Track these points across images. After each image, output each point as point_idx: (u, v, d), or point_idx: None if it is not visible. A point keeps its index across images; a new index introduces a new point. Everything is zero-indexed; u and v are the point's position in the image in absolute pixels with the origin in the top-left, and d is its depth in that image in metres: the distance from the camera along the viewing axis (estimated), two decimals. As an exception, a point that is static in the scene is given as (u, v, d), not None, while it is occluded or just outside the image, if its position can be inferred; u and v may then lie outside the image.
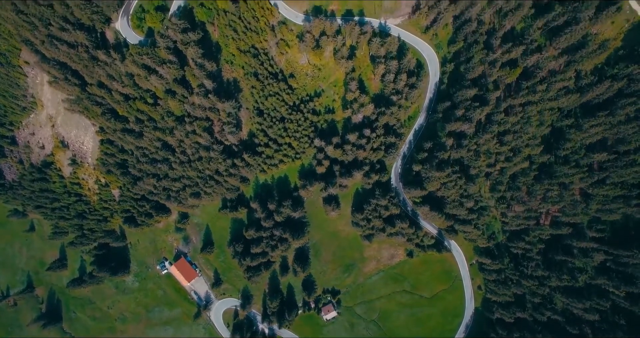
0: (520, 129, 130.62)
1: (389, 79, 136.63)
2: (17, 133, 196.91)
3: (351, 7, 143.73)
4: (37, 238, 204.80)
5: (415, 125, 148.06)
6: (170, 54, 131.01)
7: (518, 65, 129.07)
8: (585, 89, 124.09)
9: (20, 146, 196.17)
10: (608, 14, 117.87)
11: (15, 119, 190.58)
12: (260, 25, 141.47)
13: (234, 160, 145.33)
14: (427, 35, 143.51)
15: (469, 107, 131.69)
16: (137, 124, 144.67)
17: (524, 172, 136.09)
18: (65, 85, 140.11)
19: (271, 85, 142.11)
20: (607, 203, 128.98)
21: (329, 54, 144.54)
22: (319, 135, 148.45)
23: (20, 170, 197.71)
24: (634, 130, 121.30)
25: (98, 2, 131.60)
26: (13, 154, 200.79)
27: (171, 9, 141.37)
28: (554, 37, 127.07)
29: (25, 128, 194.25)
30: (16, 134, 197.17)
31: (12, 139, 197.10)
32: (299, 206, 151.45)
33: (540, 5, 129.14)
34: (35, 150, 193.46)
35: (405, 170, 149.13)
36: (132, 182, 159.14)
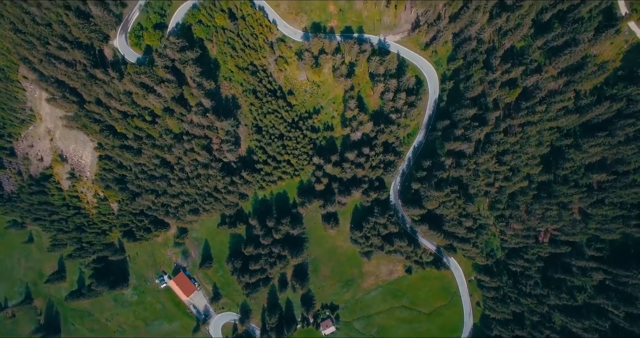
0: (520, 149, 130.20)
1: (388, 97, 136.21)
2: (15, 144, 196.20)
3: (350, 23, 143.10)
4: (36, 250, 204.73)
5: (414, 142, 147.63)
6: (168, 73, 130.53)
7: (518, 85, 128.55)
8: (585, 110, 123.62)
9: (19, 158, 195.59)
10: (607, 35, 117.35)
11: (13, 131, 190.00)
12: (258, 42, 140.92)
13: (233, 178, 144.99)
14: (426, 52, 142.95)
15: (468, 127, 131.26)
16: (136, 141, 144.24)
17: (523, 191, 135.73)
18: (63, 103, 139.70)
19: (270, 102, 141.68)
20: (606, 223, 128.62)
21: (327, 71, 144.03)
22: (318, 152, 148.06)
23: (19, 181, 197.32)
24: (633, 152, 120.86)
25: (96, 21, 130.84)
26: (12, 165, 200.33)
27: (169, 26, 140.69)
28: (553, 56, 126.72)
29: (24, 140, 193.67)
30: (15, 146, 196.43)
31: (10, 150, 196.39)
32: (297, 223, 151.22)
33: (540, 24, 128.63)
34: (34, 162, 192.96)
35: (404, 187, 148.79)
36: (131, 198, 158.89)
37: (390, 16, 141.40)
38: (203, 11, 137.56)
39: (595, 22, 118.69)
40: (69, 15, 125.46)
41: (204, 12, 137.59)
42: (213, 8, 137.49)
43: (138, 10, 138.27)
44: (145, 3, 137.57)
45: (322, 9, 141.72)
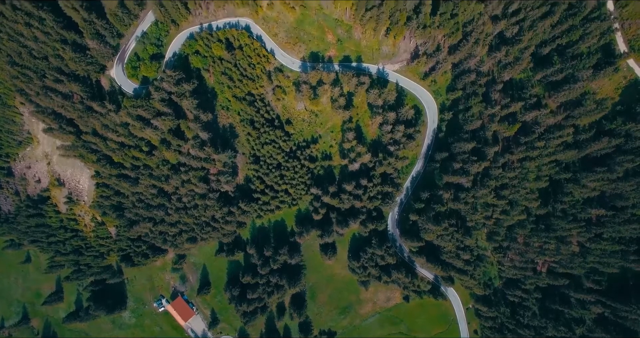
0: (518, 184, 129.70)
1: (386, 129, 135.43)
2: (13, 164, 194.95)
3: (349, 53, 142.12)
4: (33, 270, 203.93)
5: (412, 171, 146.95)
6: (164, 106, 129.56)
7: (517, 119, 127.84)
8: (584, 145, 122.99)
9: (16, 178, 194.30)
10: (606, 73, 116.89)
11: (10, 151, 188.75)
12: (256, 72, 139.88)
13: (230, 208, 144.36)
14: (425, 81, 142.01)
15: (466, 160, 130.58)
16: (133, 171, 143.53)
17: (521, 224, 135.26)
18: (60, 133, 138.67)
19: (267, 133, 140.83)
20: (605, 257, 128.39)
21: (326, 100, 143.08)
22: (316, 181, 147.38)
23: (16, 201, 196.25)
24: (632, 188, 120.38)
25: (92, 53, 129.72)
26: (9, 185, 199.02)
27: (166, 55, 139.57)
28: (552, 90, 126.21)
29: (21, 160, 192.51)
30: (12, 166, 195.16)
31: (8, 170, 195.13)
32: (295, 252, 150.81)
33: (540, 57, 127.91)
34: (31, 183, 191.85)
35: (403, 218, 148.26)
36: (128, 225, 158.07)
37: (389, 45, 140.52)
38: (200, 42, 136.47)
39: (593, 60, 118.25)
40: (66, 49, 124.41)
41: (200, 43, 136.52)
42: (210, 38, 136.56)
43: (134, 41, 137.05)
44: (141, 34, 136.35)
45: (321, 38, 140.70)
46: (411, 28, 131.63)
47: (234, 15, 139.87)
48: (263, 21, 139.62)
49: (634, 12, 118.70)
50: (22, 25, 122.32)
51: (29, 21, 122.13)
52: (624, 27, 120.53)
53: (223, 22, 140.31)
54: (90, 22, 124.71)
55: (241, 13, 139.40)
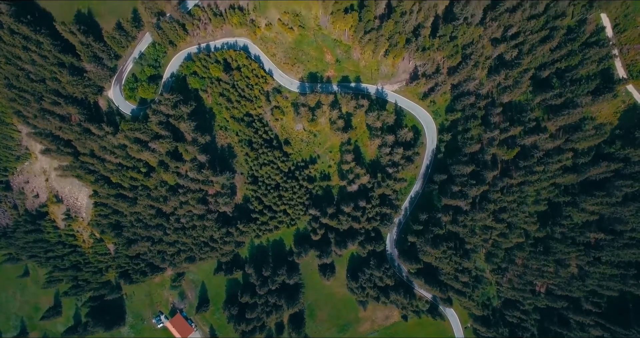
0: (517, 207, 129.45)
1: (385, 151, 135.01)
2: (11, 178, 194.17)
3: (347, 73, 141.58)
4: (32, 283, 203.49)
5: (411, 192, 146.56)
6: (162, 129, 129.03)
7: (516, 143, 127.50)
8: (583, 169, 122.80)
9: (15, 192, 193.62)
10: (605, 98, 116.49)
11: (9, 165, 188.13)
12: (254, 93, 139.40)
13: (229, 229, 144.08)
14: (424, 101, 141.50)
15: (465, 183, 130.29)
16: (131, 191, 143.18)
17: (519, 246, 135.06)
18: (57, 155, 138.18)
19: (265, 154, 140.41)
20: (604, 281, 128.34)
21: (324, 120, 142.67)
22: (314, 201, 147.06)
23: (14, 215, 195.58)
24: (631, 213, 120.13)
25: (90, 75, 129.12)
26: (7, 199, 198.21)
27: (164, 76, 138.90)
28: (552, 113, 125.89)
29: (19, 174, 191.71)
30: (10, 180, 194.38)
31: (6, 184, 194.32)
32: (294, 271, 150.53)
33: (539, 80, 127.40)
34: (30, 197, 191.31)
35: (401, 238, 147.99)
36: (127, 244, 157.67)
37: (388, 66, 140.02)
38: (198, 63, 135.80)
39: (592, 85, 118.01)
40: (63, 73, 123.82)
41: (198, 64, 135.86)
42: (208, 59, 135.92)
43: (132, 62, 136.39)
44: (139, 55, 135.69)
45: (319, 58, 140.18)
46: (410, 50, 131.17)
47: (232, 35, 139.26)
48: (261, 41, 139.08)
49: (632, 37, 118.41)
50: (20, 49, 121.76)
51: (26, 45, 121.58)
52: (623, 51, 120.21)
53: (221, 42, 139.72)
54: (87, 45, 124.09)
55: (239, 33, 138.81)
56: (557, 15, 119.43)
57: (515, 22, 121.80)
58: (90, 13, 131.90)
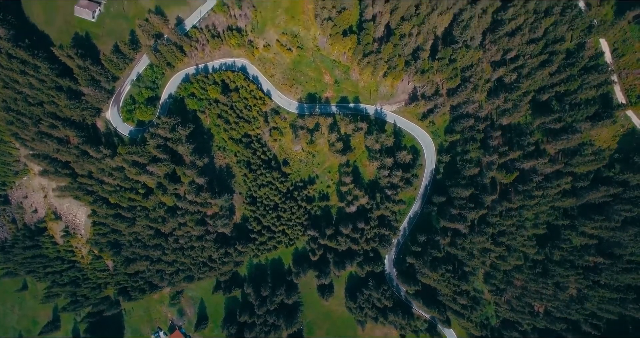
0: (516, 231, 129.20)
1: (383, 174, 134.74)
2: (9, 193, 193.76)
3: (346, 94, 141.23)
4: (30, 297, 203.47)
5: (410, 212, 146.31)
6: (160, 152, 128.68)
7: (515, 167, 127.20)
8: (582, 194, 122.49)
9: (13, 206, 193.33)
10: (604, 124, 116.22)
11: (7, 180, 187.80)
12: (252, 114, 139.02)
13: (227, 249, 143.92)
14: (423, 122, 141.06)
15: (464, 206, 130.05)
16: (129, 212, 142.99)
17: (518, 269, 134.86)
18: (55, 177, 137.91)
19: (264, 175, 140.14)
20: (603, 304, 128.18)
21: (323, 141, 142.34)
22: (313, 221, 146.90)
23: (12, 230, 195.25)
24: (630, 238, 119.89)
25: (87, 98, 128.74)
26: (6, 212, 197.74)
27: (162, 97, 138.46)
28: (551, 135, 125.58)
29: (18, 188, 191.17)
30: (9, 194, 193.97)
31: (4, 198, 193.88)
32: (292, 291, 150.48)
33: (539, 103, 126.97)
34: (28, 211, 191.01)
35: (400, 259, 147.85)
36: (125, 263, 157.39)
37: (387, 87, 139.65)
38: (195, 84, 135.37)
39: (591, 110, 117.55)
40: (61, 97, 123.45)
41: (196, 86, 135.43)
42: (206, 81, 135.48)
43: (130, 84, 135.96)
44: (137, 77, 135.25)
45: (318, 79, 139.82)
46: (410, 73, 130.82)
47: (230, 56, 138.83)
48: (259, 62, 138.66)
49: (630, 62, 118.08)
50: (17, 73, 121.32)
51: (24, 69, 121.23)
52: (621, 76, 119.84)
53: (219, 62, 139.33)
54: (84, 68, 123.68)
55: (237, 54, 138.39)
56: (556, 40, 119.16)
57: (514, 45, 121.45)
58: (88, 35, 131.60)
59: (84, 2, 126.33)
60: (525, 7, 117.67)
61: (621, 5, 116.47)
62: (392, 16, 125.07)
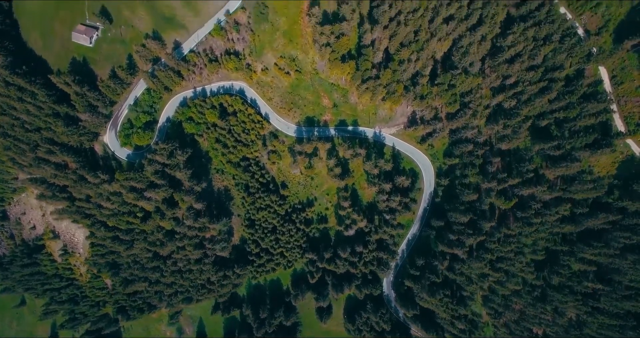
0: (514, 257, 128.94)
1: (382, 198, 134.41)
2: (8, 208, 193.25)
3: (345, 117, 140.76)
4: (28, 313, 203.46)
5: (408, 234, 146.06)
6: (158, 178, 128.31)
7: (514, 194, 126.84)
8: (581, 220, 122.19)
9: (11, 222, 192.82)
10: (603, 152, 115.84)
11: (5, 196, 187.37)
12: (250, 138, 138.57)
13: (226, 272, 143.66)
14: (422, 145, 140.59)
15: (462, 232, 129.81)
16: (128, 234, 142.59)
17: (517, 293, 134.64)
18: (53, 201, 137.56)
19: (262, 199, 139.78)
20: (602, 330, 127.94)
21: (322, 164, 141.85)
22: (311, 243, 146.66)
23: (11, 245, 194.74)
24: (629, 265, 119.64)
25: (85, 124, 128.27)
26: (4, 228, 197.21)
27: (159, 121, 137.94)
28: (550, 161, 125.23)
29: (16, 204, 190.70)
30: (7, 209, 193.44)
31: (3, 214, 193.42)
32: (291, 312, 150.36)
33: (538, 128, 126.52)
34: (26, 228, 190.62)
35: (398, 281, 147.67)
36: (124, 284, 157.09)
37: (385, 110, 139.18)
38: (193, 109, 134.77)
39: (591, 138, 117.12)
40: (58, 123, 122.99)
41: (194, 110, 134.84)
42: (203, 105, 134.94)
43: (127, 108, 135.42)
44: (134, 101, 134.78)
45: (316, 103, 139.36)
46: (408, 98, 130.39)
47: (227, 79, 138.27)
48: (257, 85, 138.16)
49: (629, 90, 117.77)
50: (14, 100, 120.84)
51: (21, 96, 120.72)
52: (620, 103, 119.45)
53: (217, 85, 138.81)
54: (82, 95, 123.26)
55: (235, 77, 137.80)
56: (555, 67, 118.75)
57: (513, 72, 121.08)
58: (85, 60, 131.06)
59: (81, 28, 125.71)
60: (525, 35, 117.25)
61: (619, 33, 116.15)
62: (391, 42, 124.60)
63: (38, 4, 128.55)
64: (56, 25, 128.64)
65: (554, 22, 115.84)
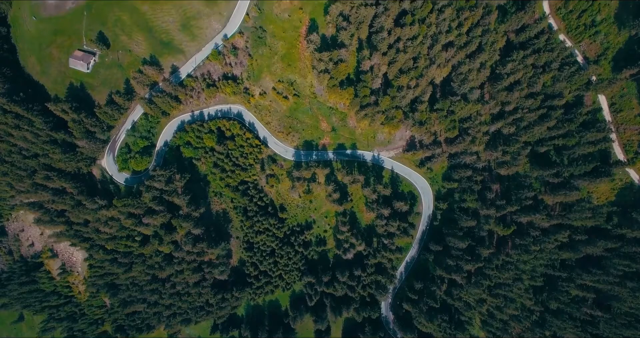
0: (513, 283, 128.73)
1: (380, 223, 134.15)
2: (6, 224, 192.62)
3: (343, 141, 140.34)
4: (27, 328, 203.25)
5: (407, 257, 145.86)
6: (156, 205, 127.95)
7: (513, 221, 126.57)
8: (579, 248, 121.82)
9: (10, 238, 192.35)
10: (602, 181, 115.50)
11: (4, 212, 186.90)
12: (248, 162, 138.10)
13: (224, 295, 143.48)
14: (421, 169, 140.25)
15: (460, 257, 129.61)
16: (126, 257, 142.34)
17: (515, 317, 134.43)
18: (50, 225, 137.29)
19: (261, 222, 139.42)
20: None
21: (320, 188, 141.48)
22: (310, 265, 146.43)
23: (9, 261, 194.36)
24: (629, 294, 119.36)
25: (82, 150, 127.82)
26: (2, 244, 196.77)
27: (157, 145, 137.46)
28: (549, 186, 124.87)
29: (14, 221, 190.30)
30: (5, 225, 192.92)
31: (1, 229, 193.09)
32: (290, 333, 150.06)
33: (537, 154, 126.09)
34: (25, 244, 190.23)
35: (397, 304, 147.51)
36: (122, 305, 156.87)
37: (384, 133, 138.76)
38: (191, 133, 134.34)
39: (590, 167, 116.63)
40: (55, 151, 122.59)
41: (191, 134, 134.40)
42: (201, 129, 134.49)
43: (125, 133, 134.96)
44: (132, 125, 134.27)
45: (314, 126, 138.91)
46: (407, 124, 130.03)
47: (225, 102, 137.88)
48: (255, 109, 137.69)
49: (628, 118, 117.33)
50: (12, 127, 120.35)
51: (18, 123, 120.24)
52: (619, 130, 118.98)
53: (215, 109, 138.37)
54: (79, 121, 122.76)
55: (233, 100, 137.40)
56: (554, 95, 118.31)
57: (513, 99, 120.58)
58: (82, 86, 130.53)
59: (78, 54, 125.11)
60: (524, 62, 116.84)
61: (618, 61, 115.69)
62: (390, 68, 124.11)
63: (36, 29, 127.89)
64: (54, 50, 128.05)
65: (553, 50, 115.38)
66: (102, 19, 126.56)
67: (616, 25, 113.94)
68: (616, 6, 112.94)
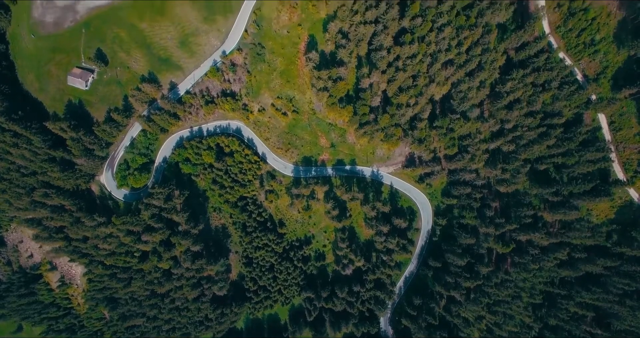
0: (512, 301, 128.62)
1: (379, 239, 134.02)
2: (5, 234, 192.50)
3: (342, 156, 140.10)
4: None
5: (406, 272, 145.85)
6: (155, 222, 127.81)
7: (512, 239, 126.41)
8: (579, 265, 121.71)
9: (9, 248, 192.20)
10: (601, 200, 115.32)
11: (3, 223, 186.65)
12: (247, 178, 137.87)
13: (223, 310, 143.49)
14: (420, 184, 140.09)
15: (459, 274, 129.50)
16: (125, 272, 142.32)
17: (514, 334, 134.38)
18: (49, 241, 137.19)
19: (260, 238, 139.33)
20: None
21: (319, 204, 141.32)
22: (309, 281, 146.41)
23: (8, 272, 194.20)
24: (629, 312, 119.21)
25: (81, 168, 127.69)
26: (1, 254, 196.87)
27: (156, 161, 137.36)
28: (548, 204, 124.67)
29: (14, 231, 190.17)
30: (4, 235, 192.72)
31: (0, 239, 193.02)
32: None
33: (536, 172, 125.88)
34: (24, 255, 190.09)
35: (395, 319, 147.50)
36: (121, 318, 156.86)
37: (383, 149, 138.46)
38: (190, 150, 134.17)
39: (589, 186, 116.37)
40: (54, 169, 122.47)
41: (190, 151, 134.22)
42: (200, 146, 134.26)
43: (123, 149, 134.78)
44: (130, 142, 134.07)
45: (314, 142, 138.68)
46: (407, 142, 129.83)
47: (224, 118, 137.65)
48: (254, 125, 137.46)
49: (627, 136, 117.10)
50: (10, 146, 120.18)
51: (16, 142, 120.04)
52: (619, 149, 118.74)
53: (214, 124, 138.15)
54: (77, 140, 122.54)
55: (232, 116, 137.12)
56: (553, 114, 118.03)
57: (512, 118, 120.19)
58: (81, 103, 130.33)
59: (76, 72, 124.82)
60: (524, 81, 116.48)
61: (617, 79, 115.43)
62: (389, 86, 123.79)
63: (34, 47, 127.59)
64: (52, 68, 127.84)
65: (553, 69, 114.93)
66: (101, 36, 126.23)
67: (615, 45, 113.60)
68: (615, 26, 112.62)
